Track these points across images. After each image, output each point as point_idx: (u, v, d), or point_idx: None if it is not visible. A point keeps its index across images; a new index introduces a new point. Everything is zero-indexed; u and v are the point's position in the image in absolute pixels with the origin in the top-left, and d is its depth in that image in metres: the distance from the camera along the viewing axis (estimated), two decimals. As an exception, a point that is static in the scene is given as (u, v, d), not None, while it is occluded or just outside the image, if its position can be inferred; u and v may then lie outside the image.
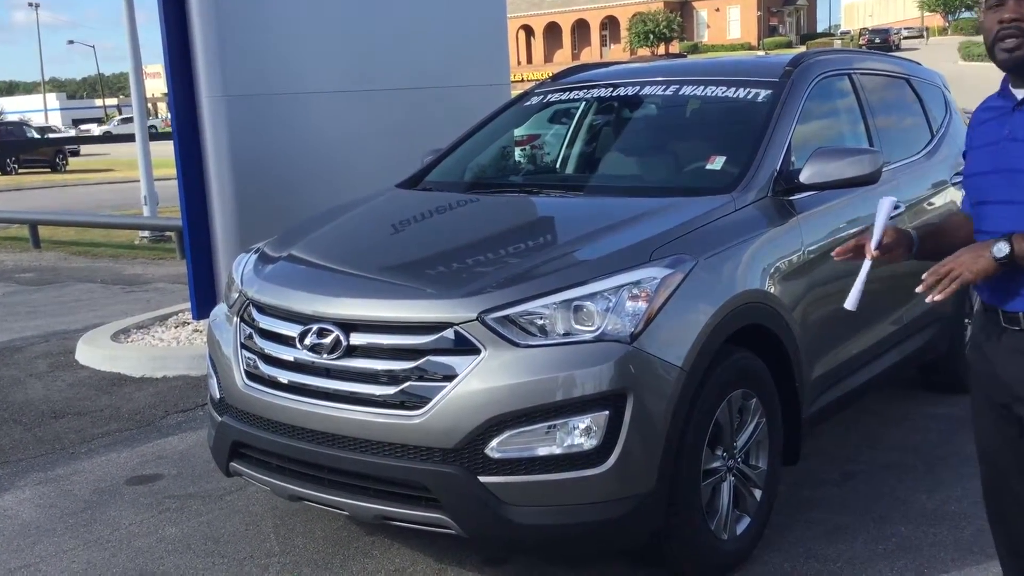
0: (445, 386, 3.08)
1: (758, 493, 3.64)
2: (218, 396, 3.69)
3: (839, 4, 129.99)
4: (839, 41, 77.96)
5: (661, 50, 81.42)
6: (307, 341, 3.31)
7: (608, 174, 4.56)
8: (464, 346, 3.11)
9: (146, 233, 13.41)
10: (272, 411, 3.40)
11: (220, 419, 3.64)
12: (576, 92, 4.88)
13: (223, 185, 6.76)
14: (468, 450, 3.06)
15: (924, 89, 5.39)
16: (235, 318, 3.68)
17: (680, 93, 4.49)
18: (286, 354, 3.39)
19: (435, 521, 3.15)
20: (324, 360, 3.27)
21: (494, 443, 3.05)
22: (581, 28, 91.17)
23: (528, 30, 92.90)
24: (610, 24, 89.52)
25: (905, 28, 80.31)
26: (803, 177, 3.85)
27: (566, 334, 3.12)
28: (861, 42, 74.51)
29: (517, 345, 3.09)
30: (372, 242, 3.97)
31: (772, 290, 3.64)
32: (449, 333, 3.12)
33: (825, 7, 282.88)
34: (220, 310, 3.89)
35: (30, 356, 7.07)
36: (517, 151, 5.66)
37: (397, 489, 3.18)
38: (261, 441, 3.45)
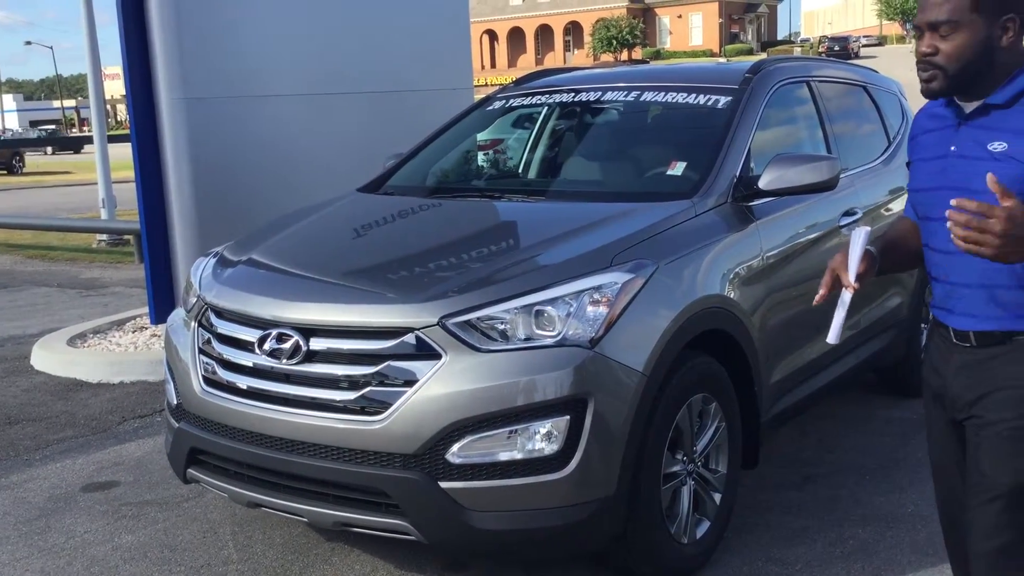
0: (406, 391, 3.07)
1: (718, 497, 3.66)
2: (175, 402, 3.65)
3: (799, 12, 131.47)
4: (799, 48, 78.75)
5: (624, 56, 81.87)
6: (266, 346, 3.28)
7: (570, 179, 4.57)
8: (425, 351, 3.10)
9: (104, 236, 13.23)
10: (230, 417, 3.37)
11: (177, 425, 3.60)
12: (539, 97, 4.89)
13: (182, 188, 6.70)
14: (429, 455, 3.05)
15: (881, 97, 5.46)
16: (193, 323, 3.64)
17: (641, 99, 4.52)
18: (245, 359, 3.36)
19: (395, 527, 3.13)
20: (283, 365, 3.24)
21: (455, 448, 3.04)
22: (545, 33, 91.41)
23: (492, 35, 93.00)
24: (573, 29, 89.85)
25: (864, 36, 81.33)
26: (762, 183, 3.88)
27: (527, 339, 3.12)
28: (821, 49, 75.35)
29: (478, 350, 3.08)
30: (333, 246, 3.95)
31: (732, 295, 3.66)
32: (410, 338, 3.11)
33: (785, 15, 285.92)
34: (178, 315, 3.85)
35: (-16, 361, 6.95)
36: (480, 155, 5.67)
37: (357, 495, 3.16)
38: (219, 447, 3.42)
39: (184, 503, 4.26)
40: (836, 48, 72.94)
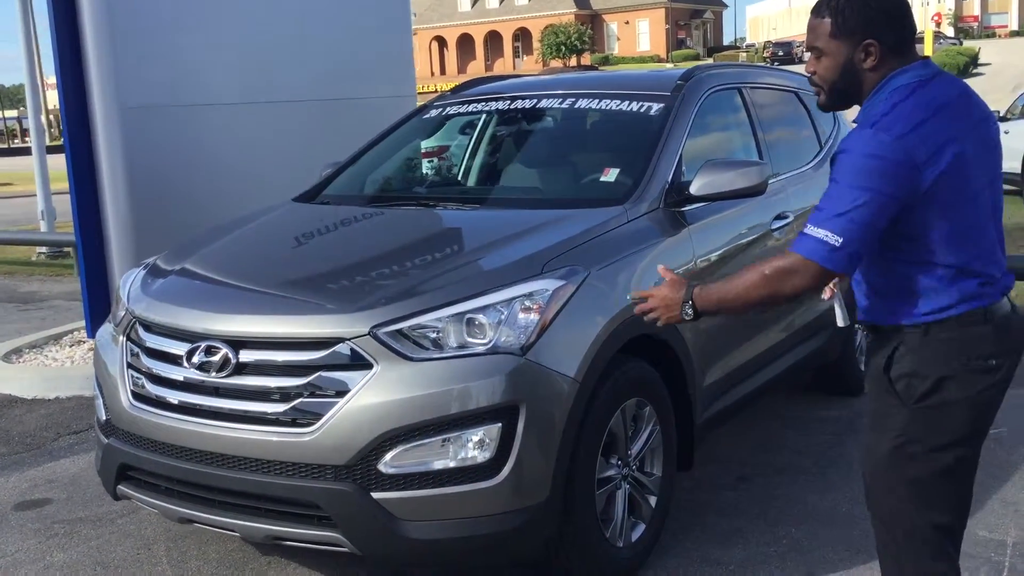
0: (337, 402, 3.05)
1: (653, 500, 3.69)
2: (104, 418, 3.59)
3: (744, 18, 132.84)
4: (744, 54, 79.66)
5: (573, 62, 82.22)
6: (195, 359, 3.24)
7: (505, 186, 4.58)
8: (356, 361, 3.08)
9: (44, 249, 12.99)
10: (160, 432, 3.33)
11: (106, 441, 3.55)
12: (475, 104, 4.90)
13: (117, 198, 6.60)
14: (360, 466, 3.04)
15: (813, 103, 5.53)
16: (121, 337, 3.59)
17: (576, 106, 4.55)
18: (174, 373, 3.32)
19: (328, 540, 3.12)
20: (213, 378, 3.21)
21: (387, 458, 3.03)
22: (494, 40, 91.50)
23: (441, 41, 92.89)
24: (523, 36, 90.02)
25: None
26: (693, 189, 3.91)
27: (460, 347, 3.12)
28: (765, 55, 76.24)
29: (410, 359, 3.07)
30: (265, 257, 3.92)
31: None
32: (341, 348, 3.09)
33: (731, 21, 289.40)
34: (107, 329, 3.80)
35: (-85, 379, 6.78)
36: (425, 163, 5.65)
37: (289, 508, 3.14)
38: (148, 463, 3.37)
39: (118, 519, 4.20)
40: (780, 53, 73.77)
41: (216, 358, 3.20)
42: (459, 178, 4.93)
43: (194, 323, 3.32)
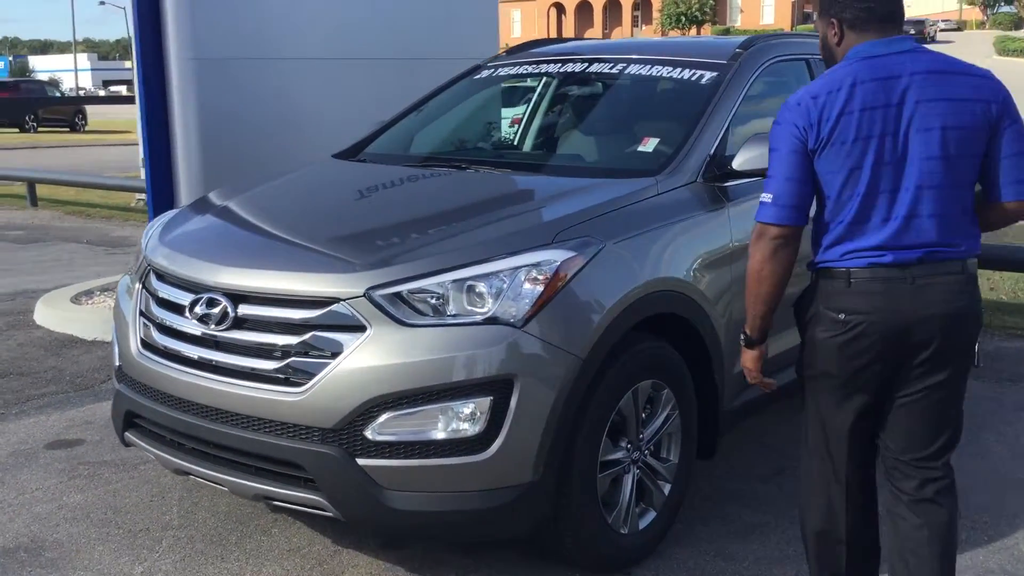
0: (329, 363, 2.98)
1: (667, 487, 3.52)
2: (117, 364, 3.60)
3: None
4: (873, 31, 76.79)
5: (693, 32, 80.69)
6: (197, 310, 3.20)
7: (540, 152, 4.43)
8: (350, 322, 2.99)
9: (143, 195, 13.35)
10: (161, 382, 3.31)
11: (118, 387, 3.56)
12: (525, 67, 4.74)
13: (189, 151, 6.63)
14: (347, 431, 2.96)
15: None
16: (137, 284, 3.58)
17: (626, 72, 4.34)
18: (178, 323, 3.30)
19: (312, 503, 3.05)
20: (212, 331, 3.17)
21: (375, 424, 2.94)
22: (613, 7, 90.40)
23: (560, 8, 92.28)
24: (642, 4, 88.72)
25: (943, 20, 79.13)
26: (736, 163, 3.68)
27: (457, 315, 3.01)
28: (895, 32, 73.46)
29: (403, 324, 2.97)
30: (281, 212, 3.86)
31: (692, 279, 3.50)
32: (337, 308, 3.01)
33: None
34: (127, 277, 3.80)
35: (-9, 314, 7.03)
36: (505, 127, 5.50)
37: (276, 468, 3.08)
38: (150, 412, 3.36)
39: (141, 466, 4.24)
40: (911, 31, 71.08)
41: (216, 310, 3.16)
42: (496, 142, 4.77)
43: (198, 273, 3.28)
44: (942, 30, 75.47)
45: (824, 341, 2.64)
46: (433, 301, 3.02)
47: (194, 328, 3.21)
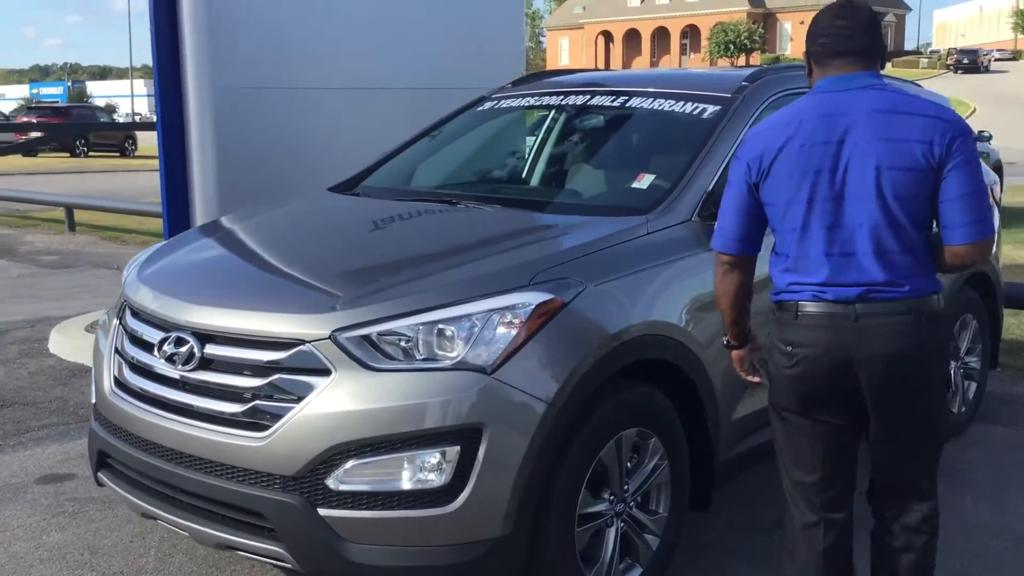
0: (293, 407, 2.87)
1: (655, 541, 3.36)
2: (93, 401, 3.53)
3: (931, 23, 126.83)
4: (926, 60, 76.12)
5: (741, 61, 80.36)
6: (165, 349, 3.12)
7: (533, 188, 4.30)
8: (316, 365, 2.89)
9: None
10: (130, 422, 3.23)
11: (92, 426, 3.48)
12: (528, 99, 4.63)
13: (206, 179, 6.63)
14: (308, 479, 2.84)
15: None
16: (115, 320, 3.52)
17: (627, 105, 4.22)
18: (148, 362, 3.21)
19: (272, 553, 2.93)
20: (179, 371, 3.08)
21: (337, 473, 2.82)
22: (661, 36, 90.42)
23: (607, 36, 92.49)
24: (691, 33, 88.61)
25: (997, 50, 78.06)
26: (734, 201, 3.54)
27: (428, 359, 2.89)
28: (949, 62, 72.63)
29: (368, 368, 2.85)
30: (262, 248, 3.77)
31: (683, 322, 3.35)
32: (303, 350, 2.90)
33: (914, 24, 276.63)
34: (107, 313, 3.73)
35: (7, 341, 7.04)
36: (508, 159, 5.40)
37: (238, 516, 2.97)
38: (119, 452, 3.28)
39: (123, 504, 4.15)
40: (964, 61, 70.29)
41: (183, 349, 3.07)
42: (493, 176, 4.65)
43: (168, 311, 3.20)
44: (996, 59, 74.44)
45: (776, 373, 2.69)
46: (403, 344, 2.90)
47: (162, 367, 3.13)
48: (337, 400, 2.83)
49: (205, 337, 3.06)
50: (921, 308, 2.53)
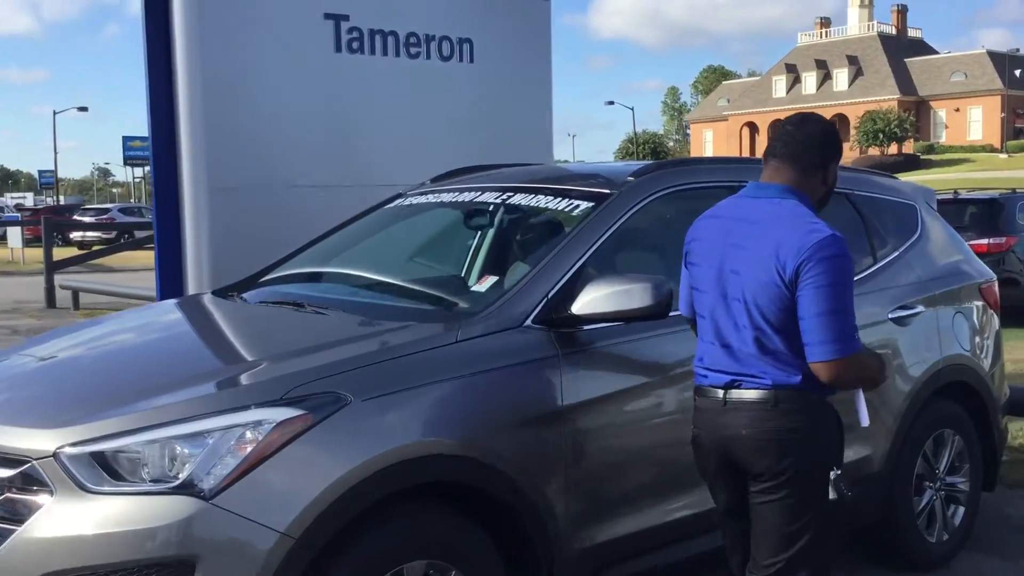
0: (15, 531, 2.67)
1: None
2: None
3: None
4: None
5: (893, 150, 77.98)
6: None
7: (378, 290, 3.92)
8: (41, 486, 2.69)
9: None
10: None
11: None
12: (431, 196, 4.38)
13: (200, 276, 6.67)
14: (22, 613, 2.62)
15: (871, 206, 4.53)
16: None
17: (508, 202, 3.94)
18: None
19: None
20: None
21: (49, 611, 2.59)
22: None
23: (752, 127, 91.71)
24: (839, 122, 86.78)
25: None
26: (576, 307, 3.20)
27: (157, 479, 2.65)
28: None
29: (85, 490, 2.63)
30: (69, 356, 3.57)
31: (488, 441, 2.99)
32: (29, 468, 2.71)
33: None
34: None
35: None
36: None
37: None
38: None
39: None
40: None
41: None
42: (358, 278, 4.25)
43: None
44: None
45: (695, 448, 2.94)
46: (133, 462, 2.68)
47: None
48: (51, 524, 2.61)
49: None
50: (790, 398, 2.70)
